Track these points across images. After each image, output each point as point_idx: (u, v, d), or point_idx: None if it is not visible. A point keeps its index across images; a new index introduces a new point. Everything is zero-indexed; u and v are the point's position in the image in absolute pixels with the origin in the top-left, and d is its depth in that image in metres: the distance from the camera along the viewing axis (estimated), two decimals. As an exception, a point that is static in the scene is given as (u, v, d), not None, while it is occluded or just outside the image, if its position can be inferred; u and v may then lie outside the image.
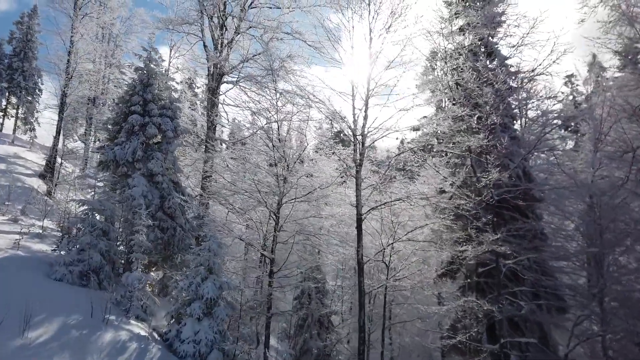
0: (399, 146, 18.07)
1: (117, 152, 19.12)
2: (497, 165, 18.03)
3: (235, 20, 23.95)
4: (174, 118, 20.87)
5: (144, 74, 20.67)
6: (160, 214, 19.15)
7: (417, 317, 18.82)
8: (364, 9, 18.18)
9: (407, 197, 16.68)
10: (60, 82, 30.05)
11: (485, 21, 19.81)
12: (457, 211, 16.77)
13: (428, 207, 18.36)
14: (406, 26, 17.76)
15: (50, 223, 21.79)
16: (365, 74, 17.96)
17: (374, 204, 17.36)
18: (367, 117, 17.60)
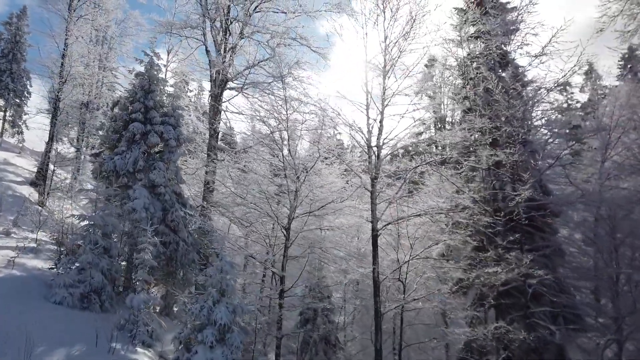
0: (410, 157, 17.16)
1: (118, 162, 18.14)
2: (516, 180, 17.45)
3: (239, 24, 23.07)
4: (176, 126, 19.93)
5: (145, 80, 19.72)
6: (162, 227, 18.19)
7: (432, 337, 18.01)
8: (379, 14, 17.48)
9: (426, 212, 15.90)
10: (53, 86, 28.88)
11: (501, 30, 19.21)
12: (478, 227, 16.04)
13: (442, 221, 17.64)
14: (426, 33, 17.12)
15: (44, 235, 20.71)
16: (380, 82, 17.22)
17: (390, 219, 16.56)
18: (382, 127, 16.84)
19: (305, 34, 23.10)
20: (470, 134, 16.46)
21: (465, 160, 16.12)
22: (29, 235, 19.85)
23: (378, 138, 16.67)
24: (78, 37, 29.94)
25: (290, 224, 16.61)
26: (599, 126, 18.35)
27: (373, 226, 16.16)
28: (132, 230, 17.20)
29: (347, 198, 16.86)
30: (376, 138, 16.77)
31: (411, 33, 16.16)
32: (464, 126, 16.42)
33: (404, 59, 17.23)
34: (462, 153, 16.65)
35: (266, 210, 18.00)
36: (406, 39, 16.20)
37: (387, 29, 17.28)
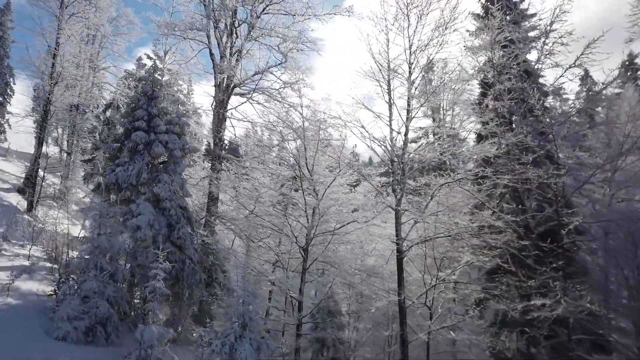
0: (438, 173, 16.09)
1: (120, 175, 16.80)
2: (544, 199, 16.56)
3: (246, 26, 21.82)
4: (181, 135, 18.65)
5: (148, 85, 18.39)
6: (168, 245, 16.83)
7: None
8: (403, 19, 16.41)
9: (457, 233, 14.85)
10: (43, 88, 27.23)
11: (522, 37, 18.33)
12: (508, 249, 15.04)
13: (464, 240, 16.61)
14: (451, 41, 16.15)
15: (36, 249, 19.28)
16: (404, 92, 16.17)
17: (416, 238, 15.49)
18: (407, 141, 15.80)
19: (314, 38, 21.97)
20: (500, 149, 15.43)
21: (497, 177, 15.06)
22: (20, 252, 18.44)
23: (403, 152, 15.60)
24: (70, 35, 28.34)
25: (309, 244, 15.42)
26: (610, 135, 17.57)
27: (398, 248, 15.06)
28: (136, 249, 15.88)
29: (374, 217, 15.68)
30: (401, 152, 15.71)
31: (441, 40, 15.09)
32: (498, 141, 15.38)
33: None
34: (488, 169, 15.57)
35: (280, 226, 16.85)
36: (437, 45, 15.11)
37: (412, 36, 16.28)
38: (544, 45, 17.21)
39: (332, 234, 15.50)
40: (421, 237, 15.18)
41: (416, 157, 15.78)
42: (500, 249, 15.14)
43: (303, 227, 16.26)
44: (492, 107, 17.92)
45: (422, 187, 16.05)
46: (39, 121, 27.99)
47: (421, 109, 16.66)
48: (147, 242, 15.86)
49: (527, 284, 14.12)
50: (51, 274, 17.36)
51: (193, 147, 19.31)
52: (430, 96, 15.42)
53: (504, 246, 14.66)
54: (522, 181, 15.06)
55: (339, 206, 15.93)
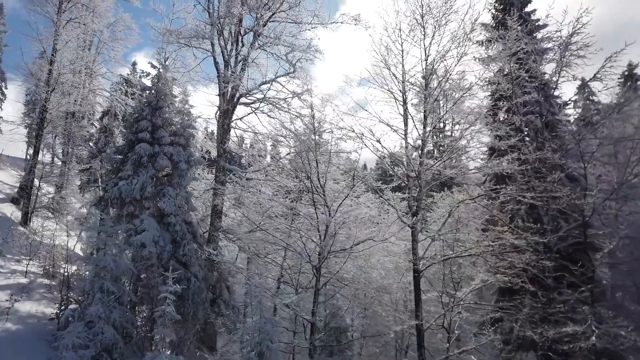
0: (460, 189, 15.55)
1: (123, 189, 16.07)
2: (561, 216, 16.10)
3: (252, 35, 21.21)
4: (186, 146, 17.99)
5: (152, 95, 17.72)
6: (173, 262, 16.14)
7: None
8: (419, 30, 15.93)
9: (478, 252, 14.28)
10: (40, 95, 26.37)
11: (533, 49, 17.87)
12: (532, 271, 14.49)
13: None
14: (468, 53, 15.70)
15: (33, 264, 18.44)
16: (420, 104, 15.67)
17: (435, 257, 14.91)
18: (424, 155, 15.25)
19: (320, 47, 21.40)
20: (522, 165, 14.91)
21: (519, 195, 14.52)
22: (16, 268, 17.62)
23: (420, 167, 15.04)
24: (68, 41, 27.58)
25: (322, 263, 14.78)
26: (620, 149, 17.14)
27: (415, 267, 14.46)
28: (140, 268, 15.13)
29: (392, 236, 15.08)
30: (417, 167, 15.16)
31: (461, 51, 14.60)
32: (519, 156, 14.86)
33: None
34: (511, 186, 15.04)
35: (289, 243, 16.26)
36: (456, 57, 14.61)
37: (428, 47, 15.80)
38: (562, 58, 16.73)
39: (349, 252, 14.84)
40: (440, 255, 14.58)
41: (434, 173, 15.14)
42: (519, 268, 14.59)
43: (310, 241, 15.69)
44: (507, 120, 17.48)
45: (436, 203, 15.51)
46: (35, 129, 27.10)
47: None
48: (152, 260, 15.16)
49: (550, 307, 13.58)
50: (49, 291, 16.59)
51: (198, 159, 18.62)
52: (451, 109, 14.75)
53: (527, 266, 14.09)
54: (548, 199, 14.51)
55: (352, 222, 15.25)
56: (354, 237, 15.37)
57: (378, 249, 16.76)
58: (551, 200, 14.69)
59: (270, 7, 20.75)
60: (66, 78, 27.80)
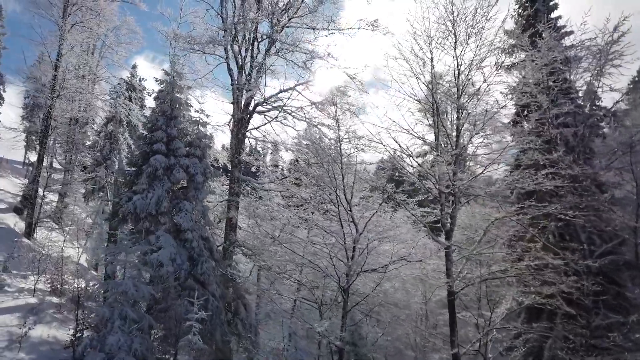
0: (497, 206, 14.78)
1: (138, 203, 15.20)
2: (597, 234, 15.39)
3: (269, 41, 20.41)
4: (202, 158, 17.16)
5: (167, 104, 16.88)
6: (190, 281, 15.31)
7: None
8: (450, 37, 15.19)
9: (521, 273, 13.47)
10: (45, 101, 25.45)
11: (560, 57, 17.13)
12: (574, 293, 13.71)
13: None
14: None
15: (40, 279, 17.59)
16: (451, 115, 14.91)
17: (470, 277, 14.09)
18: (457, 171, 14.46)
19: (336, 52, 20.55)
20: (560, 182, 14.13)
21: (561, 213, 13.72)
22: (23, 285, 16.78)
23: (453, 183, 14.25)
24: (73, 46, 26.77)
25: (350, 284, 13.97)
26: None
27: (450, 289, 13.65)
28: (156, 287, 14.26)
29: (429, 257, 14.25)
30: (450, 183, 14.37)
31: (500, 61, 13.87)
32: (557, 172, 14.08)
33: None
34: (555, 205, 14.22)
35: (311, 260, 15.47)
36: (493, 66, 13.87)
37: (458, 57, 15.04)
38: (601, 67, 16.01)
39: (384, 271, 14.01)
40: (476, 276, 13.77)
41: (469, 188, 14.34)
42: (560, 289, 13.81)
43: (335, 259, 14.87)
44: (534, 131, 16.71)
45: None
46: (39, 136, 26.19)
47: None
48: (169, 279, 14.33)
49: (591, 330, 12.83)
50: (59, 311, 15.80)
51: (215, 172, 17.80)
52: (487, 122, 13.97)
53: (570, 288, 13.31)
54: (595, 218, 13.75)
55: (382, 239, 14.45)
56: (384, 256, 14.59)
57: (404, 267, 15.99)
58: (598, 219, 13.91)
59: (288, 11, 19.94)
60: (71, 84, 26.96)
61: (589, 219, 14.54)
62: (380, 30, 21.10)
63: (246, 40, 21.33)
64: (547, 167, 14.39)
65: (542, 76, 16.57)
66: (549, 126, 15.75)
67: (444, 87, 15.24)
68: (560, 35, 19.97)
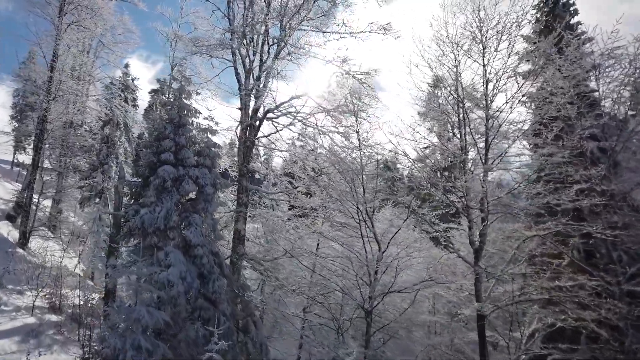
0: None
1: (146, 218, 14.23)
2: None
3: (280, 44, 19.49)
4: (212, 168, 16.23)
5: (175, 111, 15.93)
6: (201, 301, 14.38)
7: None
8: (477, 44, 14.44)
9: (557, 296, 12.69)
10: (40, 104, 24.25)
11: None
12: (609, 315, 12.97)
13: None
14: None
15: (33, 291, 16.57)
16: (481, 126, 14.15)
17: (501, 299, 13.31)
18: (486, 183, 13.68)
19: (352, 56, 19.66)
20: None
21: (600, 232, 12.99)
22: (20, 302, 15.75)
23: (483, 198, 13.48)
24: (70, 46, 25.67)
25: (374, 306, 13.13)
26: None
27: (479, 313, 12.86)
28: (166, 309, 13.30)
29: (460, 279, 13.43)
30: (479, 198, 13.62)
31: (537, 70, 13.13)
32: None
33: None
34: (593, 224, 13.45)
35: (331, 278, 14.65)
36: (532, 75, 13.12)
37: (486, 65, 14.28)
38: (631, 77, 15.31)
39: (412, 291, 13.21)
40: (508, 298, 12.99)
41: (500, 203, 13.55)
42: (595, 311, 13.07)
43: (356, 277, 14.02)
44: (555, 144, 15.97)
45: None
46: (34, 140, 25.03)
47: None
48: (180, 300, 13.38)
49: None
50: (59, 332, 14.80)
51: (225, 182, 16.87)
52: (524, 134, 13.21)
53: (608, 311, 12.59)
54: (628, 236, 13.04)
55: (408, 259, 13.64)
56: (407, 274, 13.77)
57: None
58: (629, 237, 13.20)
59: (300, 13, 19.04)
60: (67, 85, 25.85)
61: (621, 237, 13.86)
62: (391, 34, 20.27)
63: (254, 43, 20.42)
64: (580, 182, 13.66)
65: (569, 86, 15.84)
66: (580, 139, 14.98)
67: (471, 95, 14.44)
68: (582, 42, 19.31)
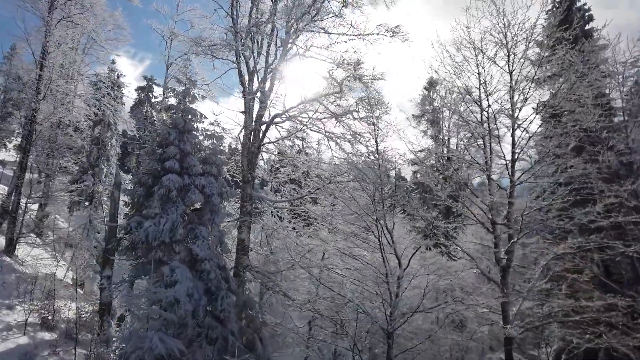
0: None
1: (150, 230, 13.30)
2: None
3: (285, 45, 18.60)
4: (218, 176, 15.34)
5: (179, 117, 14.99)
6: (209, 319, 13.47)
7: None
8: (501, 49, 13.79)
9: (589, 317, 12.04)
10: (28, 103, 22.97)
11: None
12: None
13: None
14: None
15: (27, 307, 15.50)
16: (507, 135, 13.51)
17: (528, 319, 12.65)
18: (514, 196, 13.02)
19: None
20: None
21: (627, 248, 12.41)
22: (10, 319, 14.67)
23: (509, 214, 12.81)
24: (61, 43, 24.43)
25: (395, 328, 12.37)
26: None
27: (507, 336, 12.17)
28: (173, 329, 12.39)
29: (489, 306, 12.70)
30: (505, 214, 12.95)
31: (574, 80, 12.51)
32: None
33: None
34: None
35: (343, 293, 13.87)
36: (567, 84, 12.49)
37: (512, 70, 13.63)
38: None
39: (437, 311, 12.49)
40: (536, 318, 12.33)
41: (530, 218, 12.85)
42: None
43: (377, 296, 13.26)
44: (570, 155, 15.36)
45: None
46: (22, 142, 23.72)
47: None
48: (187, 319, 12.48)
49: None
50: (54, 352, 13.80)
51: (231, 192, 15.98)
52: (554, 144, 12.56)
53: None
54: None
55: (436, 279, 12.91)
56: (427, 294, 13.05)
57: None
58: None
59: (310, 13, 18.16)
60: (57, 84, 24.60)
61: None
62: (400, 37, 19.50)
63: (258, 43, 19.51)
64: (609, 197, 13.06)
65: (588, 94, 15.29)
66: (604, 151, 14.42)
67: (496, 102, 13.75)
68: (599, 49, 18.84)
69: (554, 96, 13.73)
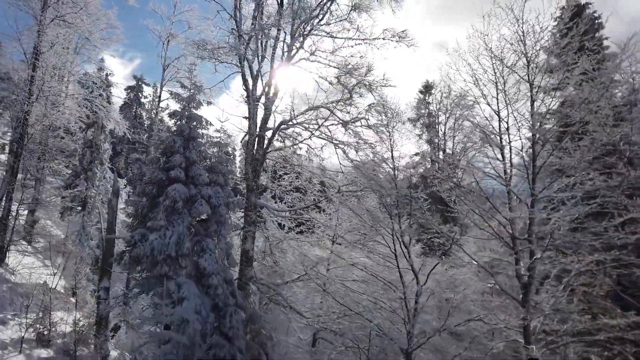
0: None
1: (156, 244, 12.65)
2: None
3: (293, 50, 18.05)
4: (224, 186, 14.73)
5: (184, 123, 14.35)
6: (216, 337, 12.85)
7: None
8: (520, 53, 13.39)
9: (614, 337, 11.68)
10: (20, 105, 22.10)
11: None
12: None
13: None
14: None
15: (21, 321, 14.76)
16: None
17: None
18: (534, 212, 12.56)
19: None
20: None
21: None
22: (6, 338, 13.90)
23: (529, 229, 12.39)
24: (55, 44, 23.57)
25: (415, 348, 11.88)
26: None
27: (530, 357, 11.73)
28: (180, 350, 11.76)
29: (511, 325, 12.22)
30: (525, 228, 12.53)
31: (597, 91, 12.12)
32: None
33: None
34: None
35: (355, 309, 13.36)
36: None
37: (532, 78, 13.21)
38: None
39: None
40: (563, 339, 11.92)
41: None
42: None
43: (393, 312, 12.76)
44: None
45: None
46: (14, 146, 22.79)
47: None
48: (195, 338, 11.88)
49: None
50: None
51: (238, 202, 15.37)
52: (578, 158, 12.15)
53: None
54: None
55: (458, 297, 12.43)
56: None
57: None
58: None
59: (318, 16, 17.63)
60: (49, 85, 23.73)
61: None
62: (406, 42, 19.04)
63: (262, 47, 18.91)
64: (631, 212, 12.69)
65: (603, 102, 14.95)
66: (624, 163, 14.08)
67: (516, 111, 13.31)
68: (609, 57, 18.61)
69: (573, 106, 13.35)
